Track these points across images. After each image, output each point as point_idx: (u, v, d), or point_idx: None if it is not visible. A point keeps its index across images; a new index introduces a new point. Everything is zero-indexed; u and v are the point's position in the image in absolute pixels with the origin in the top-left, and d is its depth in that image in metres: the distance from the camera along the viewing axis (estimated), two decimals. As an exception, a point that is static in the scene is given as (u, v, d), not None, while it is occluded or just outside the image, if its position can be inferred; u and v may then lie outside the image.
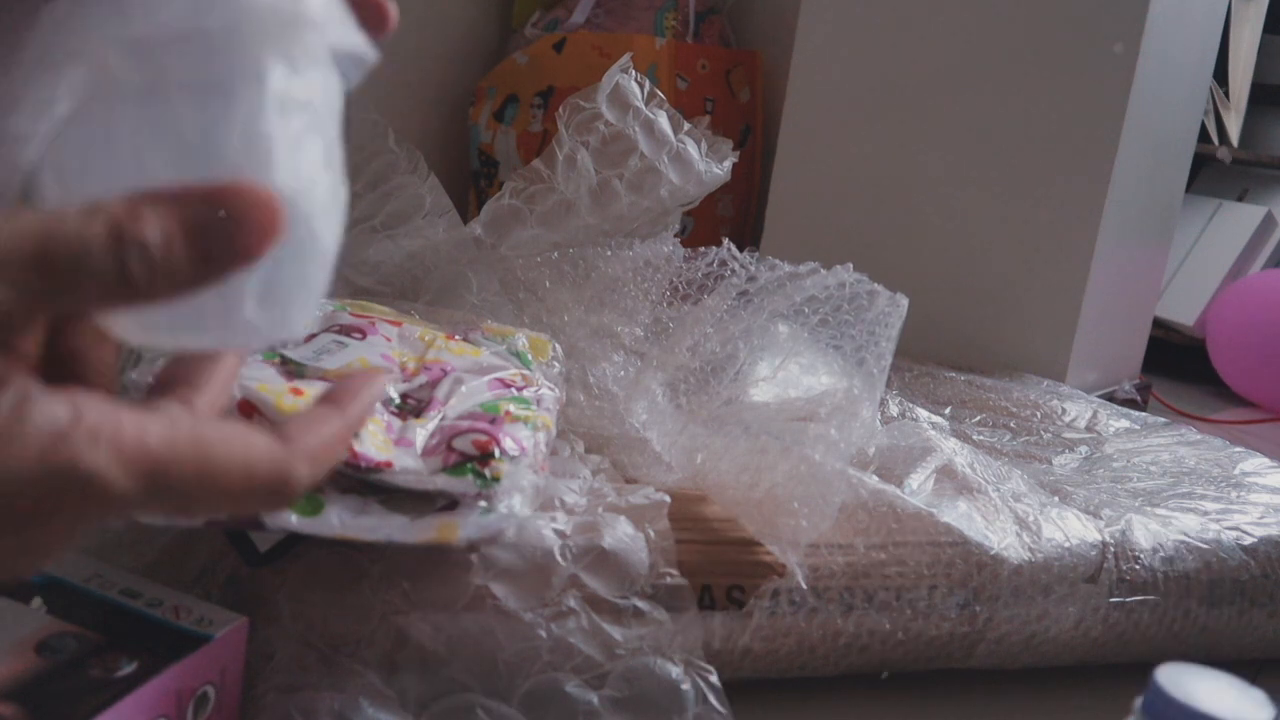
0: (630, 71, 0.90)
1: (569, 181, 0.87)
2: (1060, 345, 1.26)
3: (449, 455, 0.53)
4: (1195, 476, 0.88)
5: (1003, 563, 0.66)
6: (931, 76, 1.29)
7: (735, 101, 1.76)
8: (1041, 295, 1.26)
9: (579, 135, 0.88)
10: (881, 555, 0.64)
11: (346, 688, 0.51)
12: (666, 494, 0.64)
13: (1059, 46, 1.22)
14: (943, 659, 0.66)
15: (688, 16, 1.74)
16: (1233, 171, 2.09)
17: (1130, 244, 1.35)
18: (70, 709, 0.41)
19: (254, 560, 0.53)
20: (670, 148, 0.89)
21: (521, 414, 0.59)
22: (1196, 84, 1.43)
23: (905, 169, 1.32)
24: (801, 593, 0.61)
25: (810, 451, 0.62)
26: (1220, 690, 0.39)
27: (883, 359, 0.72)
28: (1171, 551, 0.71)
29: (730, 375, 0.75)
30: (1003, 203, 1.27)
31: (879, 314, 0.72)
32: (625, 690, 0.55)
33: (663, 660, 0.57)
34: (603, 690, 0.55)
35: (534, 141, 1.74)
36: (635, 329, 0.82)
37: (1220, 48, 1.68)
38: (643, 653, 0.57)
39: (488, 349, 0.70)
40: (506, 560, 0.56)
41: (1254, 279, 1.80)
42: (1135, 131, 1.23)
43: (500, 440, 0.54)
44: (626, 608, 0.57)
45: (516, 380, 0.65)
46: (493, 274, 0.86)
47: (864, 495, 0.67)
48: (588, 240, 0.87)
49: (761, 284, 0.75)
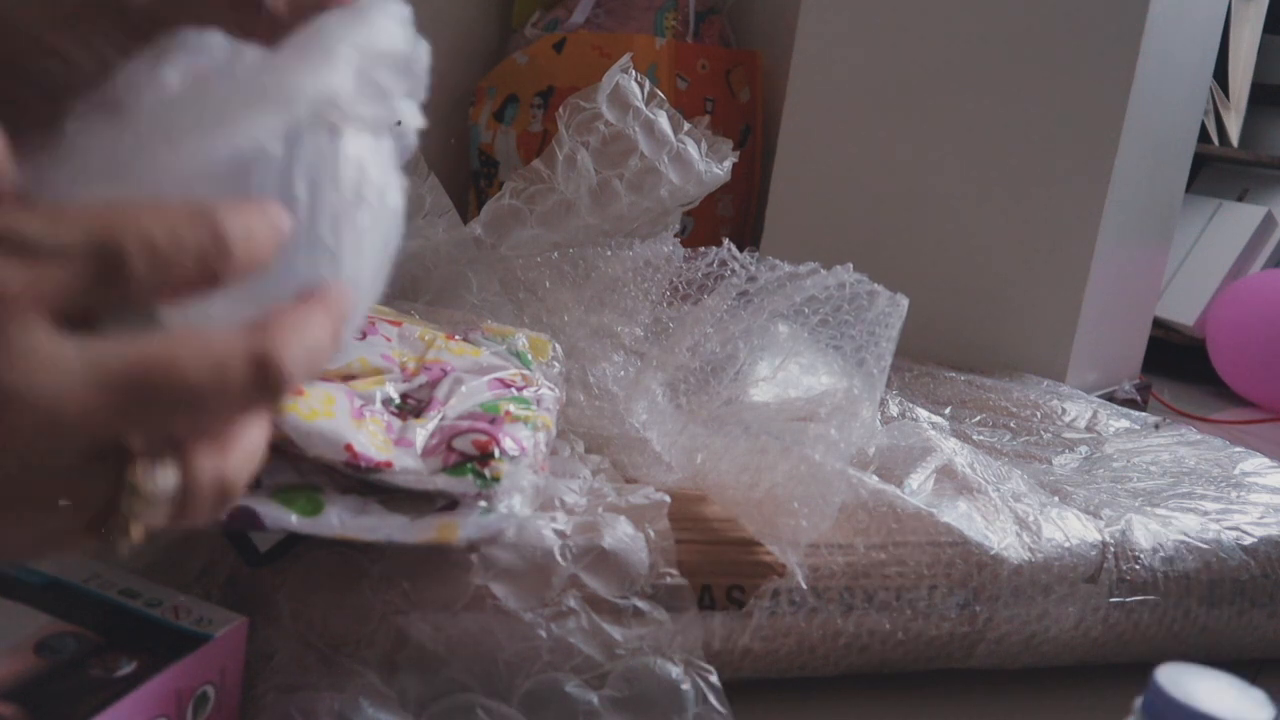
0: (630, 71, 0.90)
1: (569, 181, 0.87)
2: (1060, 345, 1.26)
3: (449, 455, 0.53)
4: (1195, 476, 0.88)
5: (1003, 563, 0.66)
6: (932, 76, 1.29)
7: (735, 101, 1.76)
8: (1041, 295, 1.26)
9: (579, 135, 0.88)
10: (881, 555, 0.64)
11: (346, 688, 0.51)
12: (666, 494, 0.64)
13: (1059, 46, 1.22)
14: (943, 659, 0.66)
15: (688, 16, 1.74)
16: (1233, 171, 2.09)
17: (1130, 244, 1.35)
18: (70, 709, 0.41)
19: (254, 560, 0.53)
20: (670, 148, 0.89)
21: (521, 414, 0.59)
22: (1196, 84, 1.43)
23: (905, 169, 1.32)
24: (801, 593, 0.61)
25: (810, 451, 0.62)
26: (1220, 690, 0.39)
27: (883, 359, 0.72)
28: (1171, 551, 0.71)
29: (730, 375, 0.75)
30: (1003, 203, 1.27)
31: (879, 314, 0.72)
32: (625, 690, 0.55)
33: (663, 660, 0.57)
34: (603, 690, 0.55)
35: (534, 141, 1.74)
36: (635, 329, 0.82)
37: (1220, 48, 1.68)
38: (643, 653, 0.57)
39: (488, 349, 0.70)
40: (506, 560, 0.56)
41: (1254, 279, 1.80)
42: (1135, 131, 1.23)
43: (500, 440, 0.54)
44: (626, 608, 0.57)
45: (516, 380, 0.65)
46: (493, 274, 0.86)
47: (864, 495, 0.67)
48: (588, 240, 0.87)
49: (761, 284, 0.75)
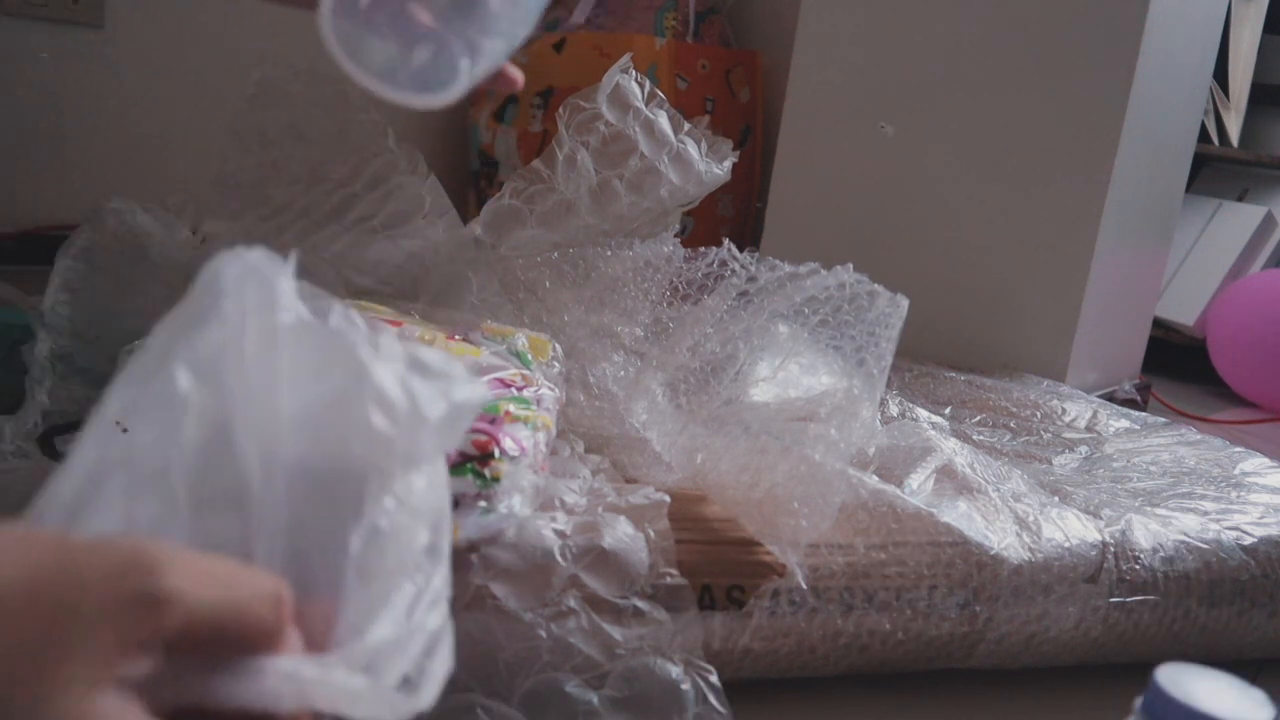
0: (630, 72, 0.90)
1: (569, 182, 0.87)
2: (1060, 345, 1.26)
3: (451, 455, 0.53)
4: (1195, 476, 0.88)
5: (1003, 563, 0.66)
6: (931, 76, 1.29)
7: (735, 101, 1.76)
8: (1041, 295, 1.26)
9: (579, 135, 0.88)
10: (881, 555, 0.64)
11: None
12: (666, 494, 0.64)
13: (1059, 46, 1.22)
14: (943, 659, 0.66)
15: (688, 16, 1.74)
16: (1233, 171, 2.09)
17: (1130, 244, 1.35)
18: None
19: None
20: (670, 148, 0.89)
21: (521, 414, 0.59)
22: (1196, 84, 1.43)
23: (905, 169, 1.32)
24: (801, 593, 0.61)
25: (810, 451, 0.62)
26: (1220, 690, 0.39)
27: (883, 359, 0.72)
28: (1171, 551, 0.71)
29: (730, 375, 0.75)
30: (1003, 203, 1.27)
31: (879, 314, 0.72)
32: (625, 690, 0.55)
33: (663, 660, 0.57)
34: (603, 690, 0.55)
35: (534, 141, 1.74)
36: (635, 329, 0.82)
37: (1220, 48, 1.68)
38: (643, 652, 0.57)
39: (488, 349, 0.70)
40: (506, 560, 0.56)
41: (1254, 279, 1.80)
42: (1135, 131, 1.23)
43: (500, 440, 0.54)
44: (626, 608, 0.57)
45: (516, 380, 0.65)
46: (493, 274, 0.86)
47: (864, 495, 0.67)
48: (588, 240, 0.87)
49: (761, 284, 0.75)
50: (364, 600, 0.29)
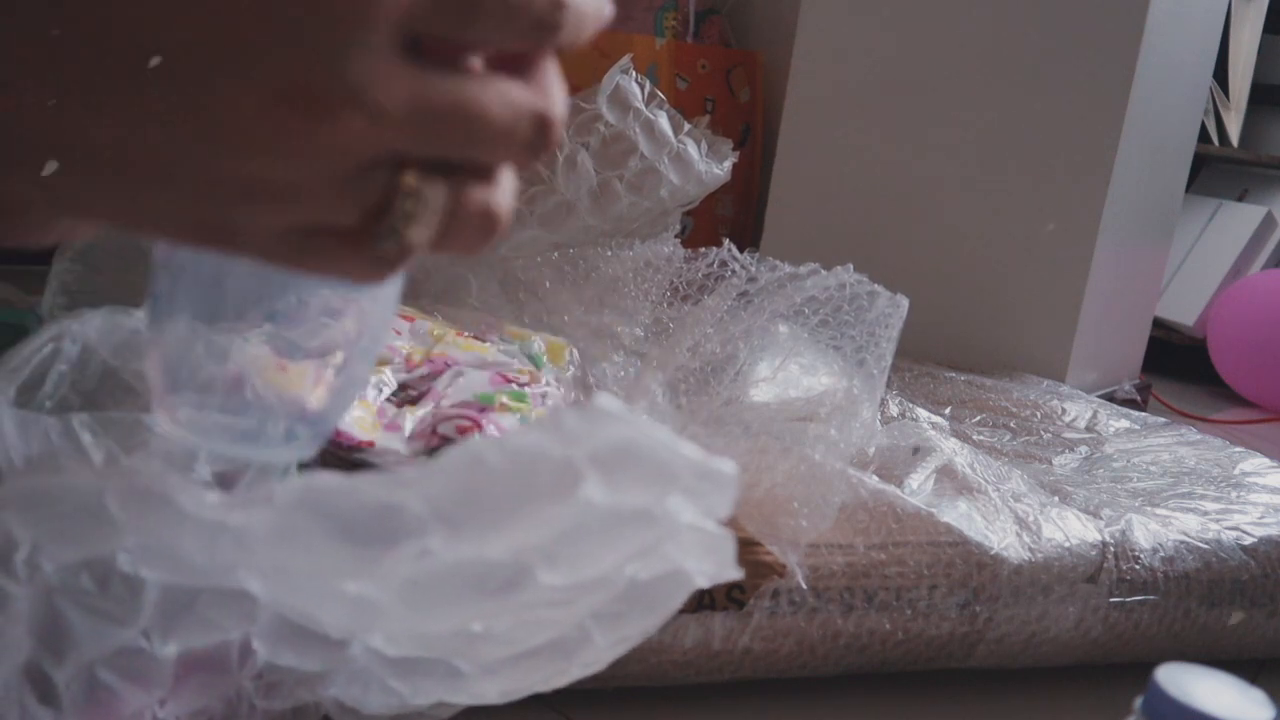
0: (630, 72, 0.90)
1: (569, 182, 0.87)
2: (1060, 345, 1.26)
3: (432, 439, 0.54)
4: (1195, 476, 0.88)
5: (1003, 563, 0.66)
6: (931, 77, 1.29)
7: (735, 101, 1.76)
8: (1041, 295, 1.26)
9: (579, 136, 0.88)
10: (881, 555, 0.64)
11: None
12: (666, 494, 0.64)
13: (1059, 46, 1.22)
14: (943, 659, 0.66)
15: (688, 16, 1.75)
16: (1233, 171, 2.09)
17: (1130, 244, 1.35)
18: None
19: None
20: (670, 148, 0.89)
21: (516, 406, 0.60)
22: (1196, 84, 1.43)
23: (905, 169, 1.32)
24: (801, 593, 0.61)
25: (810, 451, 0.62)
26: (1220, 690, 0.39)
27: (883, 359, 0.72)
28: (1171, 551, 0.71)
29: (730, 375, 0.75)
30: (1003, 202, 1.27)
31: (879, 315, 0.72)
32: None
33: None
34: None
35: (534, 142, 1.73)
36: (635, 329, 0.82)
37: (1220, 48, 1.68)
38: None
39: (497, 346, 0.70)
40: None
41: (1254, 279, 1.80)
42: (1135, 131, 1.23)
43: (484, 427, 0.55)
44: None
45: (520, 376, 0.65)
46: (493, 274, 0.87)
47: (864, 495, 0.67)
48: (588, 241, 0.87)
49: (761, 284, 0.75)
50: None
